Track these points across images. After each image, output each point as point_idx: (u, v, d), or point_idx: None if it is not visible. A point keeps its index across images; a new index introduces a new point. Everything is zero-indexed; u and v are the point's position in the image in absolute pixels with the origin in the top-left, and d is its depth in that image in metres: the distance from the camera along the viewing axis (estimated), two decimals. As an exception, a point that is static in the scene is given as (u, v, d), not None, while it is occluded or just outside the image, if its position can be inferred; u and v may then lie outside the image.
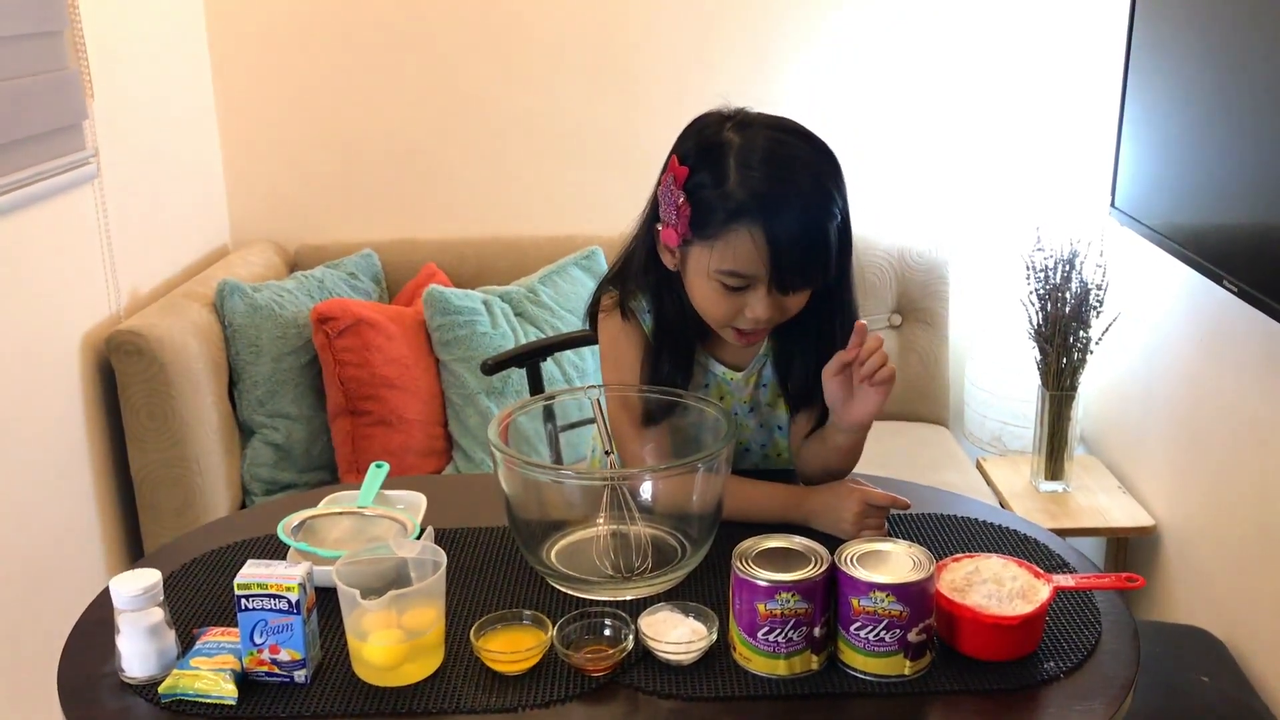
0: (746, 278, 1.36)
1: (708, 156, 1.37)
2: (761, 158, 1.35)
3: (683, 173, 1.37)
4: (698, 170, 1.37)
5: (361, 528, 1.41)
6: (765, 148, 1.36)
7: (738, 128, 1.38)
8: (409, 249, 2.93)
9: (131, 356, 2.25)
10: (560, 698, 1.14)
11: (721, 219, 1.34)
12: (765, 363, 1.55)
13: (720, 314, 1.41)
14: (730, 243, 1.35)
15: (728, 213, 1.34)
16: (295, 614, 1.13)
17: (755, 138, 1.37)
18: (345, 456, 2.54)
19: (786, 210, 1.33)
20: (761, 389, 1.56)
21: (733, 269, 1.36)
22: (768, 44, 2.89)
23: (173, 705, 1.13)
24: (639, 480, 1.37)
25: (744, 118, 1.41)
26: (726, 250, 1.35)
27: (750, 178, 1.34)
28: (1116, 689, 1.16)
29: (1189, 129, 2.07)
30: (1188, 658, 2.03)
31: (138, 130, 2.49)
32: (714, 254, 1.36)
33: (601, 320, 1.55)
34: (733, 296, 1.39)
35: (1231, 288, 1.87)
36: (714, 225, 1.35)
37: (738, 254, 1.35)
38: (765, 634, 1.15)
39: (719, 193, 1.35)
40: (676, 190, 1.37)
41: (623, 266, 1.54)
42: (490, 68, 2.90)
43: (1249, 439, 2.03)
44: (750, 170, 1.34)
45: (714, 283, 1.38)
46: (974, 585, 1.22)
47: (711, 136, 1.39)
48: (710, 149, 1.37)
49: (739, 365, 1.55)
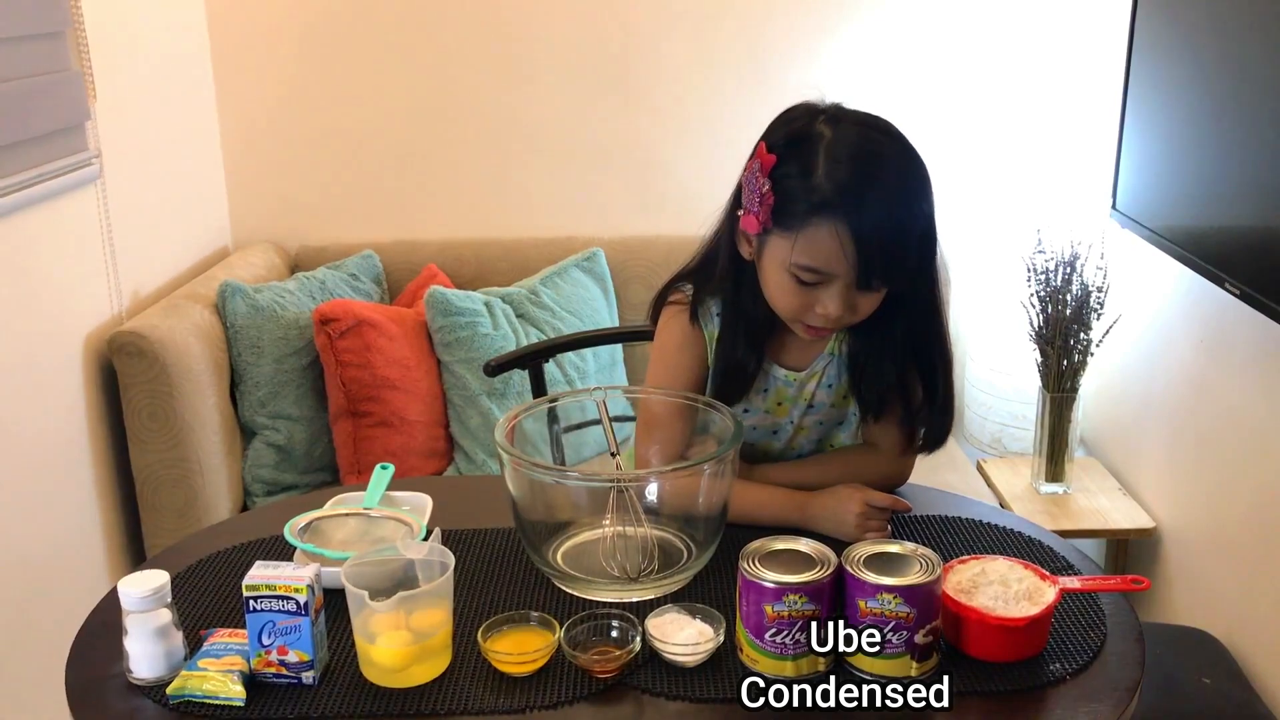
0: (823, 274, 1.34)
1: (797, 147, 1.35)
2: (850, 153, 1.33)
3: (770, 160, 1.35)
4: (785, 160, 1.35)
5: (367, 529, 1.41)
6: (855, 143, 1.34)
7: (829, 121, 1.36)
8: (410, 250, 2.93)
9: (133, 357, 2.25)
10: (567, 699, 1.14)
11: (804, 211, 1.32)
12: (830, 362, 1.52)
13: (792, 307, 1.39)
14: (811, 236, 1.32)
15: (811, 205, 1.31)
16: (303, 615, 1.14)
17: (846, 132, 1.35)
18: (347, 458, 2.54)
19: (871, 207, 1.31)
20: (826, 389, 1.53)
21: (810, 264, 1.33)
22: (768, 46, 2.89)
23: (181, 706, 1.13)
24: (645, 482, 1.37)
25: (837, 112, 1.39)
26: (807, 243, 1.33)
27: (837, 172, 1.31)
28: (1122, 691, 1.16)
29: (1190, 131, 2.07)
30: (1188, 659, 2.04)
31: (140, 131, 2.49)
32: (794, 246, 1.33)
33: (667, 316, 1.52)
34: (806, 291, 1.36)
35: (1233, 290, 1.88)
36: (796, 216, 1.33)
37: (818, 248, 1.32)
38: (772, 635, 1.15)
39: (805, 184, 1.32)
40: (762, 178, 1.35)
41: (703, 262, 1.51)
42: (491, 69, 2.90)
43: (1250, 441, 2.04)
44: (838, 164, 1.32)
45: (789, 275, 1.35)
46: (980, 587, 1.22)
47: (802, 128, 1.37)
48: (800, 139, 1.35)
49: (799, 367, 1.52)
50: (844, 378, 1.52)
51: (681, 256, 1.55)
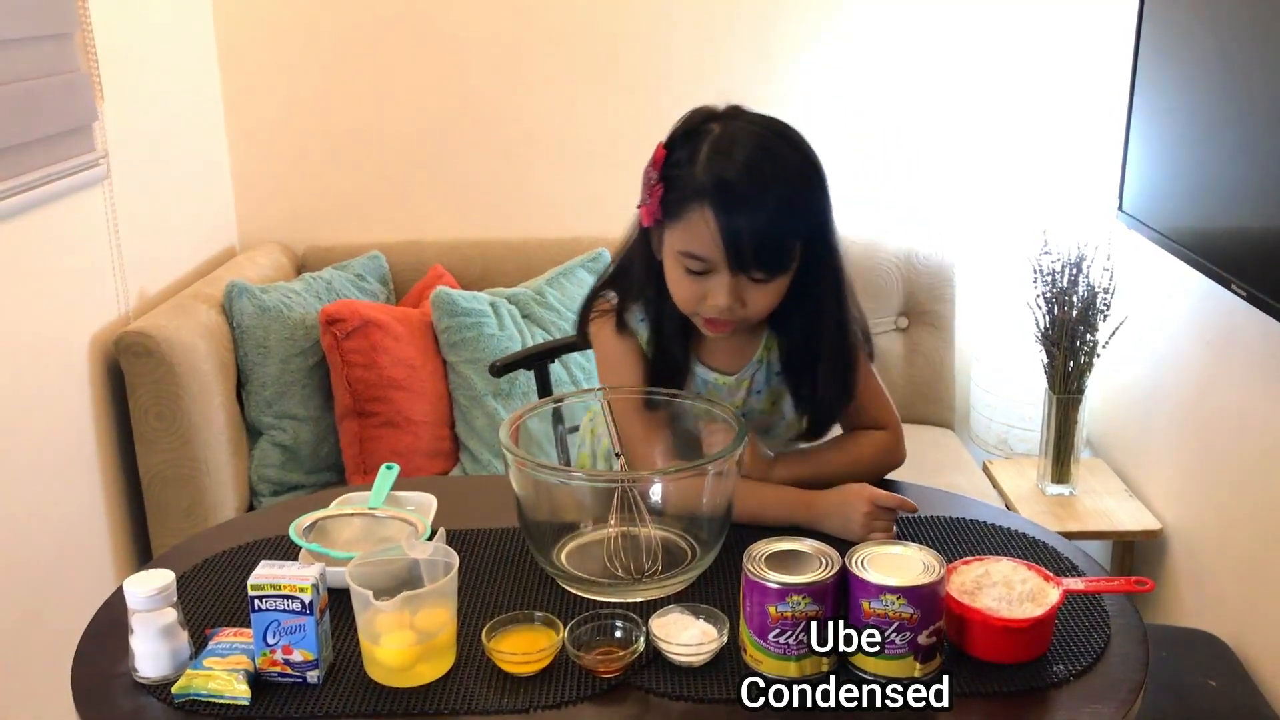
0: (704, 260, 1.38)
1: (686, 141, 1.41)
2: (731, 145, 1.38)
3: (661, 155, 1.42)
4: (673, 153, 1.41)
5: (372, 529, 1.42)
6: (739, 138, 1.39)
7: (722, 118, 1.42)
8: (416, 251, 2.93)
9: (140, 357, 2.26)
10: (571, 699, 1.15)
11: (683, 198, 1.38)
12: (759, 369, 1.55)
13: (686, 298, 1.43)
14: (689, 222, 1.38)
15: (688, 192, 1.37)
16: (308, 615, 1.14)
17: (733, 127, 1.40)
18: (352, 458, 2.54)
19: (741, 195, 1.35)
20: (755, 395, 1.56)
21: (689, 249, 1.38)
22: (775, 47, 2.89)
23: (186, 705, 1.14)
24: (649, 482, 1.37)
25: (733, 112, 1.43)
26: (685, 230, 1.38)
27: (715, 161, 1.37)
28: (1126, 692, 1.16)
29: (1196, 132, 2.07)
30: (1194, 662, 2.03)
31: (147, 132, 2.50)
32: (677, 234, 1.40)
33: (596, 328, 1.56)
34: (696, 281, 1.40)
35: (1239, 291, 1.87)
36: (678, 204, 1.38)
37: (694, 234, 1.37)
38: (776, 636, 1.15)
39: (686, 173, 1.38)
40: (654, 171, 1.42)
41: (620, 268, 1.55)
42: (497, 70, 2.91)
43: (1256, 443, 2.03)
44: (717, 154, 1.37)
45: (679, 266, 1.41)
46: (984, 588, 1.22)
47: (695, 125, 1.43)
48: (690, 134, 1.41)
49: (729, 371, 1.55)
50: (772, 383, 1.55)
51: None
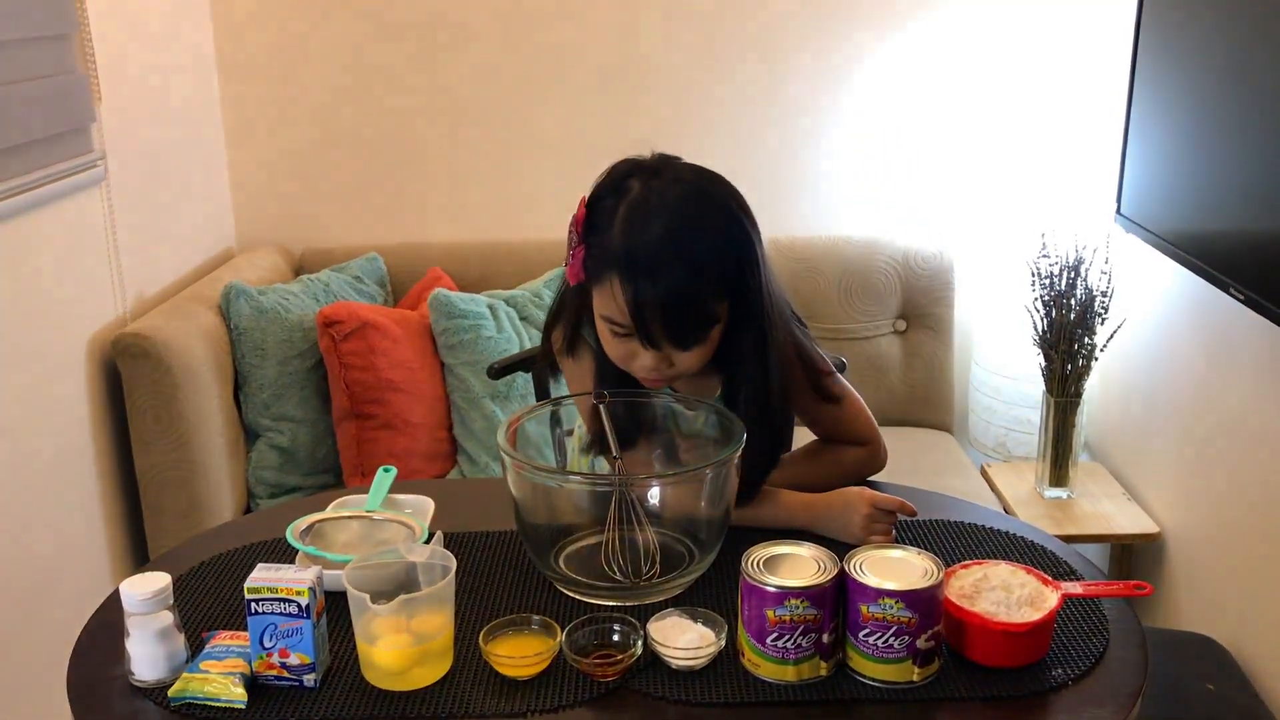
0: (624, 326, 1.35)
1: (604, 201, 1.37)
2: (645, 212, 1.33)
3: (582, 214, 1.38)
4: (592, 214, 1.37)
5: (370, 532, 1.41)
6: (654, 202, 1.33)
7: (644, 176, 1.37)
8: (414, 253, 2.93)
9: (137, 359, 2.25)
10: (569, 703, 1.14)
11: (599, 265, 1.35)
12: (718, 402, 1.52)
13: (616, 357, 1.41)
14: (604, 290, 1.35)
15: (604, 262, 1.34)
16: (305, 618, 1.14)
17: (650, 190, 1.34)
18: (350, 460, 2.54)
19: (650, 272, 1.30)
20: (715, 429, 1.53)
21: (608, 316, 1.36)
22: (774, 52, 2.89)
23: (182, 709, 1.13)
24: (647, 486, 1.37)
25: (657, 167, 1.38)
26: (602, 297, 1.36)
27: (628, 231, 1.32)
28: (1125, 697, 1.16)
29: (1194, 135, 2.07)
30: (1193, 666, 2.03)
31: (145, 133, 2.49)
32: (598, 298, 1.37)
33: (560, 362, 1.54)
34: (623, 341, 1.37)
35: (1238, 295, 1.87)
36: (596, 270, 1.35)
37: (608, 303, 1.35)
38: (774, 640, 1.15)
39: (602, 239, 1.34)
40: (574, 232, 1.38)
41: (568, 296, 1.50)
42: (495, 72, 2.91)
43: (1254, 446, 2.03)
44: (630, 223, 1.32)
45: (606, 328, 1.38)
46: (982, 592, 1.22)
47: (616, 183, 1.38)
48: (609, 194, 1.37)
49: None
50: None
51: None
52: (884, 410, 2.88)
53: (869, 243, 2.88)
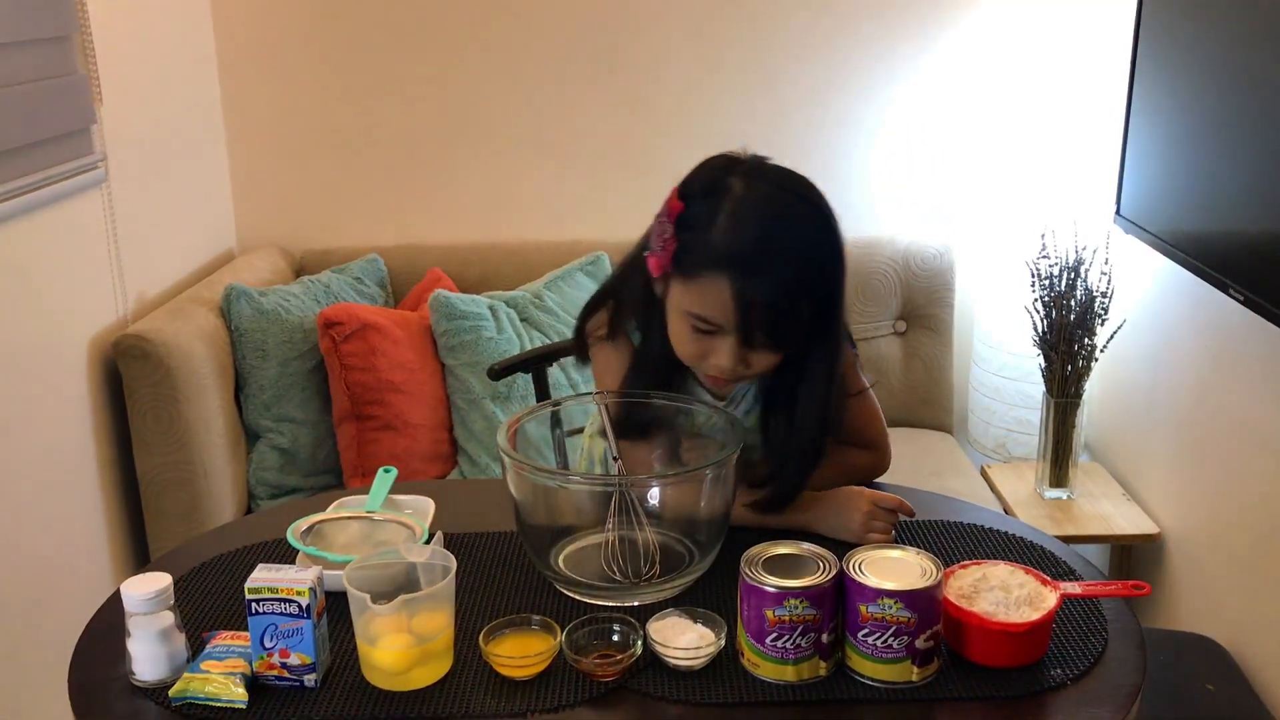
0: (714, 324, 1.35)
1: (705, 197, 1.36)
2: (753, 212, 1.33)
3: (677, 207, 1.36)
4: (692, 208, 1.36)
5: (370, 532, 1.42)
6: (761, 203, 1.34)
7: (744, 175, 1.36)
8: (414, 254, 2.93)
9: (138, 360, 2.26)
10: (569, 703, 1.15)
11: (700, 262, 1.33)
12: (749, 390, 1.54)
13: (689, 354, 1.41)
14: (704, 288, 1.34)
15: (707, 258, 1.33)
16: (306, 618, 1.14)
17: (756, 190, 1.35)
18: (350, 461, 2.54)
19: (762, 272, 1.31)
20: (745, 415, 1.54)
21: (701, 313, 1.35)
22: (774, 51, 2.89)
23: (183, 709, 1.14)
24: (647, 486, 1.38)
25: (754, 166, 1.38)
26: (699, 294, 1.35)
27: (736, 229, 1.32)
28: (1123, 697, 1.16)
29: (1194, 136, 2.07)
30: (1192, 666, 2.03)
31: (146, 135, 2.50)
32: (689, 294, 1.36)
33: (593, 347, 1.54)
34: (702, 339, 1.37)
35: (1237, 295, 1.88)
36: (693, 266, 1.34)
37: (708, 300, 1.34)
38: (773, 640, 1.15)
39: (704, 236, 1.33)
40: (668, 223, 1.36)
41: (618, 285, 1.53)
42: (496, 73, 2.91)
43: (1254, 447, 2.04)
44: (738, 221, 1.32)
45: (686, 323, 1.38)
46: (981, 592, 1.22)
47: (716, 178, 1.37)
48: (710, 190, 1.36)
49: (721, 395, 1.52)
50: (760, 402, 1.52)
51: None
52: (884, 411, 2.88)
53: (869, 243, 2.89)
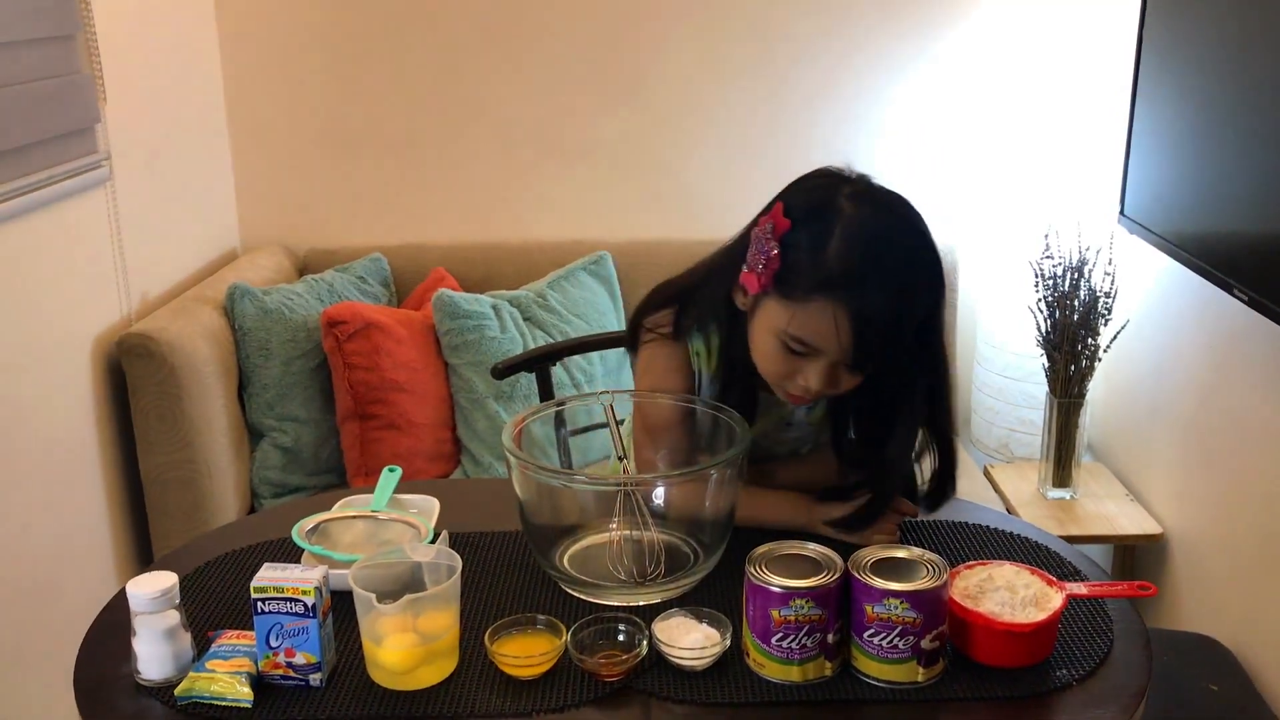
0: (813, 348, 1.32)
1: (814, 217, 1.31)
2: (866, 237, 1.30)
3: (784, 225, 1.32)
4: (800, 228, 1.31)
5: (375, 531, 1.42)
6: (872, 228, 1.31)
7: (854, 198, 1.32)
8: (418, 253, 2.93)
9: (142, 359, 2.26)
10: (574, 703, 1.15)
11: (809, 285, 1.30)
12: None
13: (775, 373, 1.37)
14: (810, 312, 1.30)
15: (817, 282, 1.29)
16: (311, 617, 1.14)
17: (865, 213, 1.31)
18: (354, 460, 2.54)
19: (875, 297, 1.28)
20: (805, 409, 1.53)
21: (803, 337, 1.31)
22: (777, 50, 2.89)
23: (189, 708, 1.14)
24: (652, 486, 1.38)
25: (863, 188, 1.35)
26: (804, 318, 1.30)
27: (849, 255, 1.28)
28: (1129, 697, 1.16)
29: (1198, 136, 2.07)
30: (1195, 666, 2.03)
31: (149, 134, 2.50)
32: (791, 316, 1.32)
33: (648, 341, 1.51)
34: (792, 359, 1.34)
35: (1241, 296, 1.87)
36: (799, 288, 1.30)
37: (814, 325, 1.30)
38: (779, 640, 1.15)
39: (814, 259, 1.29)
40: (772, 241, 1.32)
41: (694, 288, 1.48)
42: (499, 73, 2.91)
43: (1258, 447, 2.03)
44: (852, 247, 1.29)
45: (779, 342, 1.34)
46: (987, 593, 1.22)
47: (824, 199, 1.33)
48: (819, 211, 1.32)
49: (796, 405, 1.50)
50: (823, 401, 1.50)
51: (688, 260, 1.53)
52: (887, 411, 2.88)
53: (872, 243, 2.88)
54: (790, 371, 1.35)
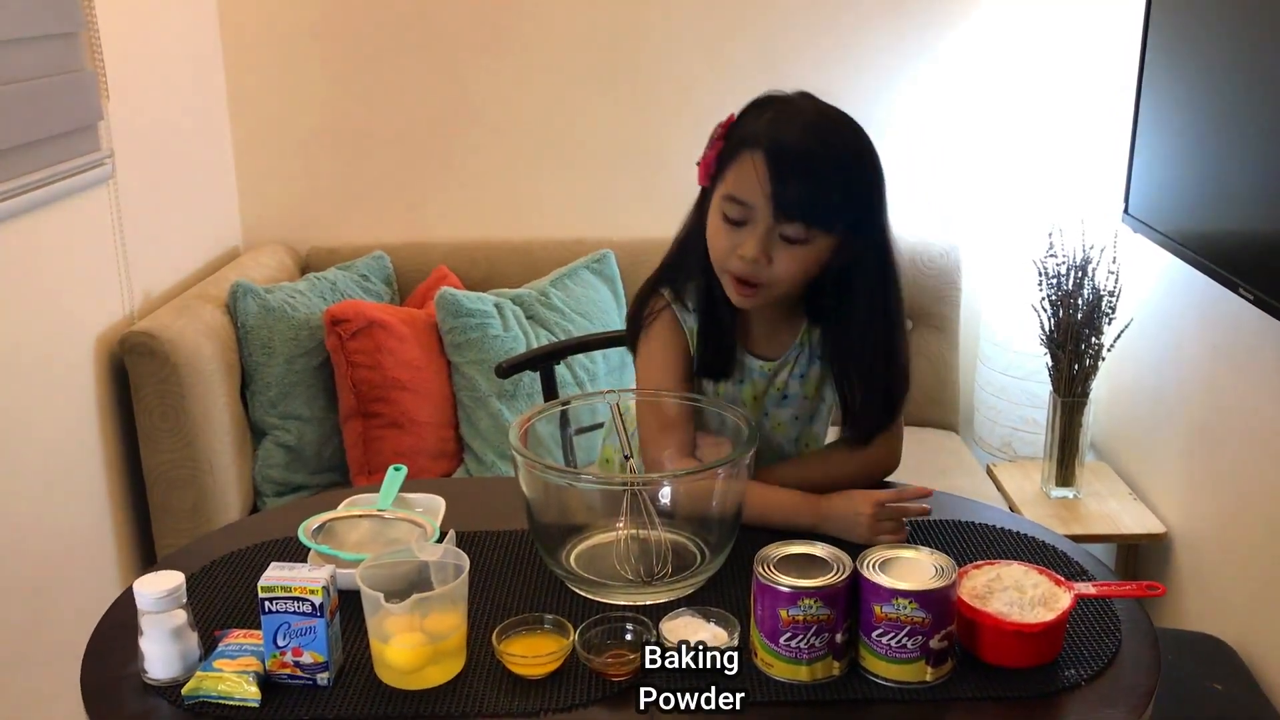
0: (745, 205, 1.42)
1: (755, 106, 1.49)
2: (794, 111, 1.45)
3: (730, 119, 1.48)
4: (742, 117, 1.48)
5: (381, 531, 1.42)
6: (806, 108, 1.46)
7: (792, 95, 1.49)
8: (420, 251, 2.93)
9: (144, 357, 2.25)
10: (581, 702, 1.14)
11: (739, 146, 1.44)
12: (801, 352, 1.56)
13: (720, 247, 1.46)
14: (739, 167, 1.43)
15: (745, 141, 1.43)
16: (319, 617, 1.14)
17: (801, 101, 1.48)
18: (356, 458, 2.54)
19: (793, 147, 1.41)
20: (798, 379, 1.57)
21: (733, 193, 1.43)
22: (779, 49, 2.89)
23: (196, 707, 1.13)
24: (658, 485, 1.37)
25: (803, 93, 1.50)
26: (735, 174, 1.43)
27: (776, 120, 1.44)
28: (1137, 697, 1.16)
29: (1203, 135, 2.07)
30: (1200, 665, 2.03)
31: (152, 132, 2.49)
32: (726, 180, 1.45)
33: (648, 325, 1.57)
34: (732, 232, 1.44)
35: (1247, 295, 1.87)
36: (732, 153, 1.44)
37: (741, 178, 1.42)
38: (787, 640, 1.15)
39: (747, 129, 1.45)
40: (718, 130, 1.48)
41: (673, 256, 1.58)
42: (502, 71, 2.91)
43: (1262, 446, 2.03)
44: (779, 115, 1.45)
45: (720, 217, 1.45)
46: (995, 592, 1.22)
47: (769, 96, 1.50)
48: (760, 102, 1.50)
49: (771, 356, 1.56)
50: (815, 367, 1.57)
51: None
52: (890, 409, 2.88)
53: (875, 242, 2.88)
54: (732, 245, 1.44)
